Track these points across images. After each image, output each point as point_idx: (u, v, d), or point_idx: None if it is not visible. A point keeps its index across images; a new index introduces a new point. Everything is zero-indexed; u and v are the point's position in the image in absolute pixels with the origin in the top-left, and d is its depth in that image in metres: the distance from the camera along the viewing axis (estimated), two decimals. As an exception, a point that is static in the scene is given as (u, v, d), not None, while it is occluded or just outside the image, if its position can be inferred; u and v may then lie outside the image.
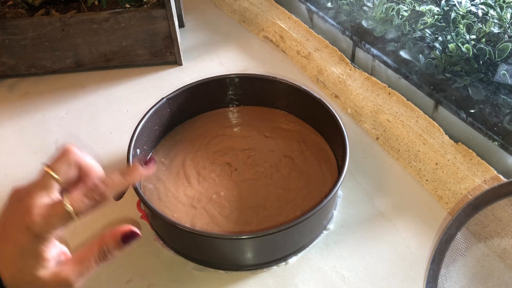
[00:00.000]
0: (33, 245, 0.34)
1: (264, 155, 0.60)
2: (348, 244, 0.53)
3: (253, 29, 0.86)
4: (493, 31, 0.58)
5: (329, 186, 0.55)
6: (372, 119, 0.65)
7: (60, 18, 0.71)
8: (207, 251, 0.50)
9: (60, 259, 0.35)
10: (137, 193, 0.49)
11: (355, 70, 0.71)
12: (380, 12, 0.71)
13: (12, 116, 0.71)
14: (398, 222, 0.55)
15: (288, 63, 0.79)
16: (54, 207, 0.34)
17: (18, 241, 0.33)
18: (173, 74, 0.78)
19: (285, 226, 0.45)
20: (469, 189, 0.54)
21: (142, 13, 0.72)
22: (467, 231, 0.46)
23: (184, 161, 0.59)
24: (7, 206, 0.36)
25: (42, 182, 0.36)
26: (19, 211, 0.34)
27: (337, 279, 0.50)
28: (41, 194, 0.35)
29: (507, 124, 0.55)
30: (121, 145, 0.66)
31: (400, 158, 0.62)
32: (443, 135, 0.59)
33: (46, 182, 0.36)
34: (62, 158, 0.37)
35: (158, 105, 0.59)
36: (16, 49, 0.73)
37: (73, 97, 0.74)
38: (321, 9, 0.81)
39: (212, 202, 0.54)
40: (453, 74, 0.61)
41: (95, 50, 0.75)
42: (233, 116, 0.66)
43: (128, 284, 0.50)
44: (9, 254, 0.34)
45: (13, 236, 0.34)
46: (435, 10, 0.65)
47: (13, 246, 0.34)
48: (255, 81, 0.64)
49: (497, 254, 0.46)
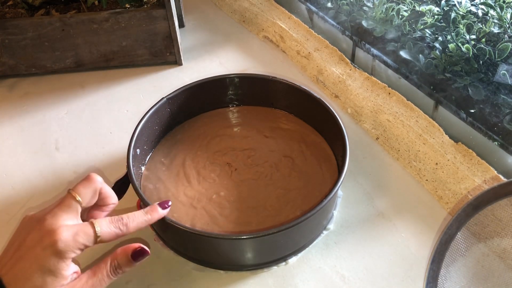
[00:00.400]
0: (54, 262, 0.35)
1: (264, 155, 0.60)
2: (348, 244, 0.53)
3: (253, 29, 0.86)
4: (493, 31, 0.58)
5: (329, 186, 0.55)
6: (372, 119, 0.65)
7: (60, 18, 0.71)
8: (207, 251, 0.50)
9: (73, 277, 0.37)
10: (137, 193, 0.49)
11: (355, 70, 0.71)
12: (380, 12, 0.71)
13: (12, 116, 0.71)
14: (398, 222, 0.55)
15: (288, 63, 0.79)
16: (84, 227, 0.37)
17: (40, 258, 0.35)
18: (173, 74, 0.78)
19: (285, 226, 0.45)
20: (469, 189, 0.54)
21: (142, 13, 0.72)
22: (467, 231, 0.46)
23: (184, 161, 0.59)
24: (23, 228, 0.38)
25: (66, 205, 0.38)
26: (41, 230, 0.36)
27: (337, 279, 0.50)
28: (67, 216, 0.37)
29: (507, 124, 0.55)
30: (121, 145, 0.66)
31: (400, 158, 0.62)
32: (443, 135, 0.59)
33: (69, 204, 0.38)
34: (86, 184, 0.40)
35: (158, 105, 0.59)
36: (16, 49, 0.73)
37: (73, 97, 0.74)
38: (321, 9, 0.81)
39: (212, 202, 0.54)
40: (453, 74, 0.61)
41: (95, 50, 0.75)
42: (233, 116, 0.66)
43: (128, 284, 0.50)
44: (26, 272, 0.35)
45: (34, 254, 0.35)
46: (435, 10, 0.65)
47: (33, 263, 0.35)
48: (255, 81, 0.64)
49: (497, 254, 0.46)
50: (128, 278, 0.50)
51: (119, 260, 0.39)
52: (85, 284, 0.37)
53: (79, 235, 0.36)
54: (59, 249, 0.35)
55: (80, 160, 0.64)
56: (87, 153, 0.65)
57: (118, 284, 0.50)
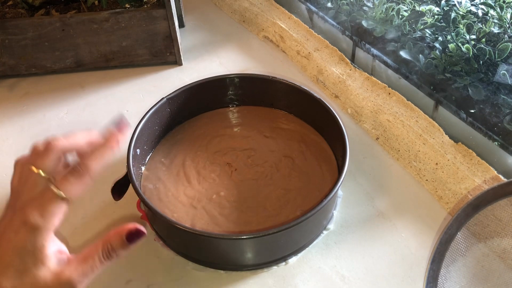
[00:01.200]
0: (31, 240, 0.32)
1: (264, 155, 0.60)
2: (348, 244, 0.53)
3: (253, 29, 0.86)
4: (493, 31, 0.58)
5: (329, 186, 0.55)
6: (372, 119, 0.65)
7: (60, 18, 0.71)
8: (207, 251, 0.50)
9: (61, 258, 0.34)
10: (137, 193, 0.49)
11: (355, 70, 0.71)
12: (380, 12, 0.71)
13: (12, 116, 0.71)
14: (398, 222, 0.55)
15: (288, 63, 0.79)
16: (43, 195, 0.33)
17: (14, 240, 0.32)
18: (173, 74, 0.78)
19: (285, 226, 0.45)
20: (469, 189, 0.54)
21: (142, 13, 0.72)
22: (467, 231, 0.46)
23: (184, 161, 0.59)
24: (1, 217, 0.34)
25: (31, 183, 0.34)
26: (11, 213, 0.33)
27: (337, 279, 0.50)
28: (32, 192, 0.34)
29: (507, 124, 0.55)
30: (121, 145, 0.66)
31: (400, 158, 0.62)
32: (443, 135, 0.59)
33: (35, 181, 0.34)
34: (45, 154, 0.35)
35: (158, 105, 0.59)
36: (16, 49, 0.73)
37: (73, 97, 0.74)
38: (321, 9, 0.81)
39: (212, 202, 0.54)
40: (453, 74, 0.61)
41: (95, 50, 0.75)
42: (233, 116, 0.66)
43: (128, 284, 0.50)
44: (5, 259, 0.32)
45: (7, 238, 0.32)
46: (435, 10, 0.65)
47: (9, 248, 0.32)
48: (255, 81, 0.64)
49: (497, 254, 0.46)
50: (128, 278, 0.50)
51: (112, 243, 0.34)
52: (75, 271, 0.33)
53: (44, 204, 0.32)
54: (31, 225, 0.32)
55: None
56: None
57: (118, 284, 0.50)
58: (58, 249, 0.34)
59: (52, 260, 0.33)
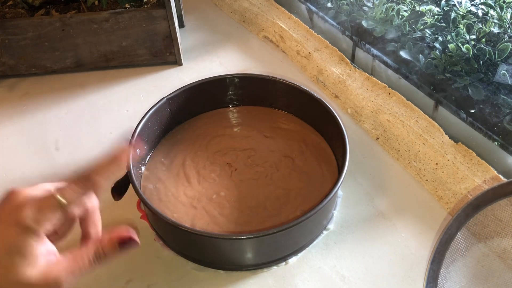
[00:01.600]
0: (21, 240, 0.32)
1: (264, 155, 0.60)
2: (348, 244, 0.53)
3: (253, 29, 0.86)
4: (493, 31, 0.58)
5: (329, 186, 0.55)
6: (372, 119, 0.65)
7: (60, 18, 0.71)
8: (207, 251, 0.50)
9: (50, 259, 0.34)
10: (137, 193, 0.49)
11: (355, 70, 0.71)
12: (380, 12, 0.71)
13: (12, 116, 0.71)
14: (398, 222, 0.55)
15: (288, 63, 0.79)
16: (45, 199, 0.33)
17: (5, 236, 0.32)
18: (173, 74, 0.78)
19: (285, 226, 0.45)
20: (469, 189, 0.54)
21: (142, 13, 0.72)
22: (467, 231, 0.46)
23: (184, 161, 0.59)
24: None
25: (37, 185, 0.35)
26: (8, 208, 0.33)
27: (337, 279, 0.50)
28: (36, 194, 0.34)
29: (507, 124, 0.55)
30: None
31: (400, 158, 0.62)
32: (443, 135, 0.59)
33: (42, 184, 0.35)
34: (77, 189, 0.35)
35: (158, 105, 0.59)
36: (16, 49, 0.73)
37: (73, 97, 0.74)
38: (321, 9, 0.81)
39: (212, 202, 0.54)
40: (453, 74, 0.61)
41: (95, 50, 0.75)
42: (233, 116, 0.66)
43: (128, 284, 0.50)
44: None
45: None
46: (435, 10, 0.65)
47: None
48: (255, 81, 0.64)
49: (497, 254, 0.46)
50: (128, 278, 0.50)
51: (104, 248, 0.35)
52: (63, 271, 0.33)
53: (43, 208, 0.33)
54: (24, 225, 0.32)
55: (80, 160, 0.64)
56: (87, 153, 0.65)
57: (118, 284, 0.50)
58: (47, 250, 0.34)
59: (40, 260, 0.33)
